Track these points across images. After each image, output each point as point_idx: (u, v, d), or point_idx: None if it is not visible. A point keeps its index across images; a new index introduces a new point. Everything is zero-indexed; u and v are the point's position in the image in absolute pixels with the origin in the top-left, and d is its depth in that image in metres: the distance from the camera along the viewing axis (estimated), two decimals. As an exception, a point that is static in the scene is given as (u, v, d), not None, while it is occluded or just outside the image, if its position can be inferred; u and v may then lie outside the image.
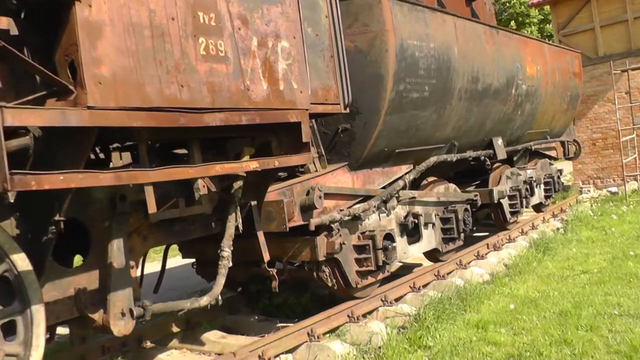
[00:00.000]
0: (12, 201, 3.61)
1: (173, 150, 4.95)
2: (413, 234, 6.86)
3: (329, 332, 5.60)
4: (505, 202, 8.95)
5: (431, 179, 7.45)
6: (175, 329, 6.23)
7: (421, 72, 6.01)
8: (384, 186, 6.41)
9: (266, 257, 4.91)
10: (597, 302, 5.81)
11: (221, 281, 4.27)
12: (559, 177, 11.32)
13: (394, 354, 4.89)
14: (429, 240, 7.10)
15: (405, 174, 6.61)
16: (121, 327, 3.94)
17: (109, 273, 3.93)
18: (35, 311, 3.46)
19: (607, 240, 8.91)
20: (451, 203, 7.41)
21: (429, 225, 7.04)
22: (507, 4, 31.43)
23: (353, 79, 5.36)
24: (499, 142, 8.39)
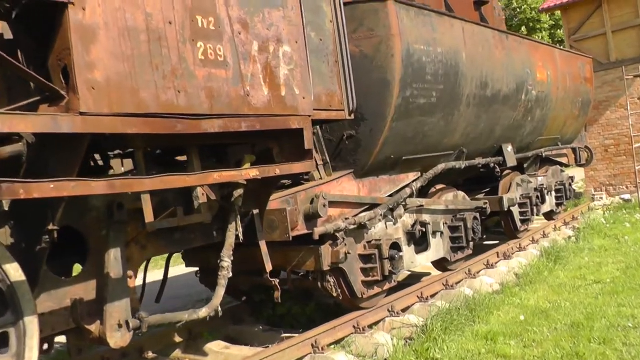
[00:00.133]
0: (7, 209, 3.53)
1: (175, 157, 4.87)
2: (421, 243, 6.73)
3: (334, 344, 5.48)
4: (515, 210, 8.79)
5: (439, 187, 7.32)
6: (177, 339, 6.12)
7: (428, 78, 5.89)
8: (391, 194, 6.28)
9: (268, 268, 4.80)
10: (611, 314, 5.65)
11: (221, 292, 4.16)
12: (571, 185, 11.14)
13: (400, 367, 4.78)
14: (437, 249, 6.95)
15: (412, 182, 6.48)
16: (118, 339, 3.84)
17: (106, 283, 3.84)
18: (28, 323, 3.36)
19: (620, 249, 8.73)
20: (460, 211, 7.27)
21: (437, 234, 6.90)
22: (518, 10, 31.29)
23: (358, 85, 5.24)
24: (509, 149, 8.25)
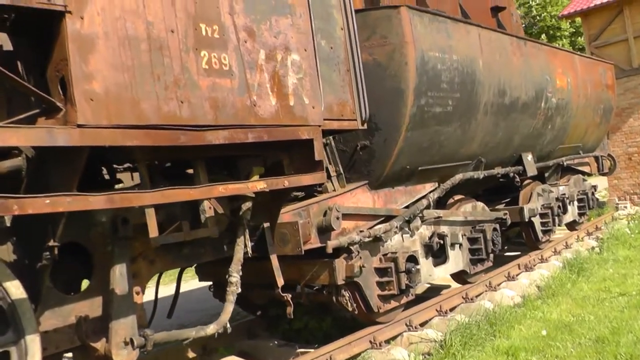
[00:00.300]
0: (9, 225, 3.45)
1: (185, 169, 4.78)
2: (439, 255, 6.55)
3: (350, 359, 5.32)
4: (536, 221, 8.56)
5: (458, 197, 7.14)
6: (191, 354, 6.01)
7: (444, 86, 5.74)
8: (407, 205, 6.12)
9: (280, 282, 4.66)
10: (637, 328, 5.41)
11: (229, 308, 4.04)
12: (594, 194, 10.85)
13: (417, 384, 4.60)
14: (456, 261, 6.77)
15: (429, 193, 6.32)
16: (124, 357, 3.74)
17: (111, 300, 3.74)
18: (30, 341, 3.27)
19: (646, 260, 8.45)
20: (479, 222, 7.08)
21: (456, 245, 6.72)
22: (538, 18, 30.99)
23: (372, 94, 5.11)
24: (529, 158, 8.04)
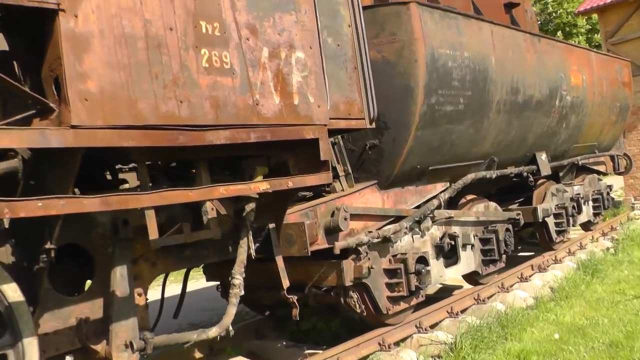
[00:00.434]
0: (7, 227, 3.40)
1: (192, 170, 4.70)
2: (450, 256, 6.43)
3: (358, 362, 5.25)
4: (550, 221, 8.39)
5: (470, 197, 7.01)
6: (198, 355, 5.95)
7: (455, 84, 5.62)
8: (418, 206, 6.01)
9: (285, 284, 4.58)
10: (653, 333, 5.27)
11: (232, 311, 3.96)
12: (609, 193, 10.63)
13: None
14: (468, 262, 6.64)
15: (440, 193, 6.19)
16: (125, 360, 3.68)
17: (112, 302, 3.68)
18: (27, 344, 3.21)
19: (663, 261, 8.26)
20: (491, 222, 6.94)
21: (467, 246, 6.59)
22: (554, 14, 30.58)
23: (381, 92, 5.00)
24: (543, 157, 7.88)
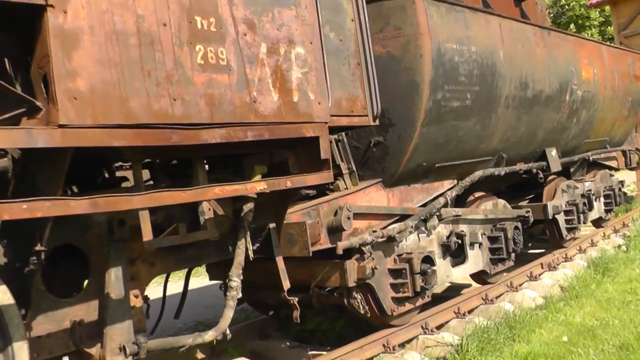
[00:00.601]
0: (-2, 227, 3.32)
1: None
2: (457, 255, 6.30)
3: (362, 364, 5.15)
4: (560, 218, 8.23)
5: (478, 195, 6.87)
6: (200, 355, 5.87)
7: (462, 79, 5.48)
8: (424, 204, 5.88)
9: (286, 285, 4.48)
10: (665, 335, 5.13)
11: (229, 314, 3.86)
12: (621, 189, 10.44)
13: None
14: (476, 261, 6.51)
15: (447, 191, 6.06)
16: (119, 364, 3.60)
17: (106, 304, 3.60)
18: (17, 348, 3.12)
19: (676, 259, 8.08)
20: (500, 220, 6.80)
21: (475, 245, 6.45)
22: (566, 7, 30.22)
23: (385, 88, 4.88)
24: (553, 153, 7.72)
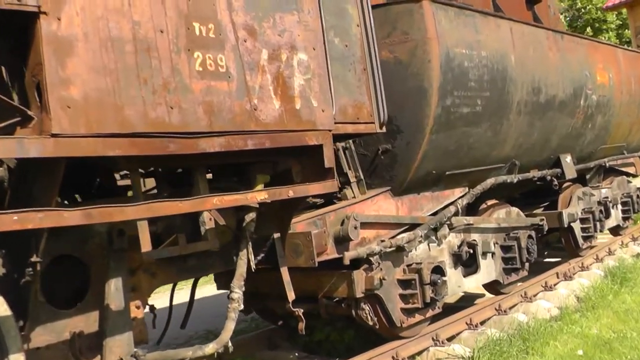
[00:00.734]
0: (-3, 238, 3.27)
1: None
2: (469, 264, 6.17)
3: (370, 377, 5.04)
4: (576, 226, 8.04)
5: (491, 202, 6.74)
6: (207, 367, 5.78)
7: (472, 84, 5.36)
8: (435, 212, 5.77)
9: (290, 297, 4.38)
10: (685, 349, 4.97)
11: (230, 326, 3.78)
12: (639, 196, 10.23)
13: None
14: (488, 271, 6.37)
15: (458, 199, 5.94)
16: (118, 376, 3.54)
17: (106, 316, 3.54)
18: (13, 360, 3.08)
19: (697, 268, 7.87)
20: (513, 229, 6.65)
21: (488, 254, 6.32)
22: (583, 10, 29.91)
23: (393, 94, 4.79)
24: (568, 160, 7.55)
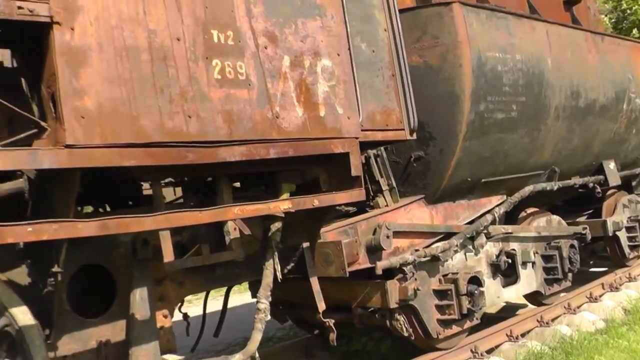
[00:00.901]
0: (22, 247, 3.31)
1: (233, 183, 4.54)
2: (509, 274, 5.97)
3: (406, 388, 4.93)
4: (622, 235, 7.69)
5: (530, 211, 6.52)
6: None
7: (506, 89, 5.20)
8: (472, 221, 5.61)
9: (320, 307, 4.31)
10: None
11: (257, 337, 3.73)
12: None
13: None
14: (529, 281, 6.15)
15: (495, 207, 5.76)
16: (143, 385, 3.53)
17: (132, 325, 3.55)
18: (38, 369, 3.10)
19: None
20: (554, 238, 6.42)
21: (528, 264, 6.10)
22: (628, 11, 28.96)
23: (424, 100, 4.69)
24: (611, 166, 7.25)
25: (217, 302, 5.40)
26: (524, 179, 6.01)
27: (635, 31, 27.03)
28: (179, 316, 4.55)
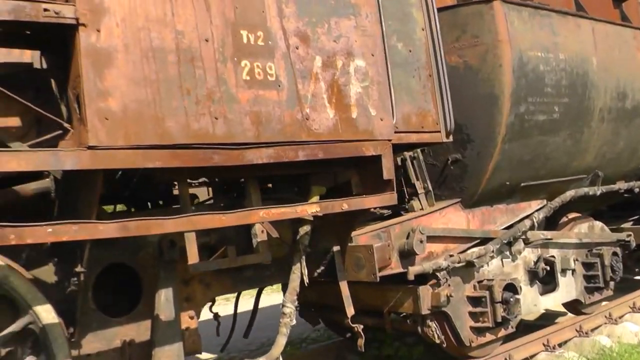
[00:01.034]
0: (49, 245, 3.31)
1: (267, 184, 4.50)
2: (547, 282, 5.78)
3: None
4: (669, 242, 7.42)
5: (572, 216, 6.30)
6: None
7: (548, 90, 5.01)
8: (509, 226, 5.44)
9: (349, 312, 4.24)
10: None
11: (281, 341, 3.67)
12: None
13: None
14: (568, 289, 5.94)
15: (534, 212, 5.57)
16: (165, 387, 3.51)
17: (156, 326, 3.53)
18: (60, 367, 3.10)
19: None
20: (596, 245, 6.19)
21: (567, 271, 5.90)
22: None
23: (463, 101, 4.56)
24: (659, 171, 6.98)
25: (250, 302, 5.39)
26: (566, 183, 5.80)
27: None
28: (210, 315, 4.52)
